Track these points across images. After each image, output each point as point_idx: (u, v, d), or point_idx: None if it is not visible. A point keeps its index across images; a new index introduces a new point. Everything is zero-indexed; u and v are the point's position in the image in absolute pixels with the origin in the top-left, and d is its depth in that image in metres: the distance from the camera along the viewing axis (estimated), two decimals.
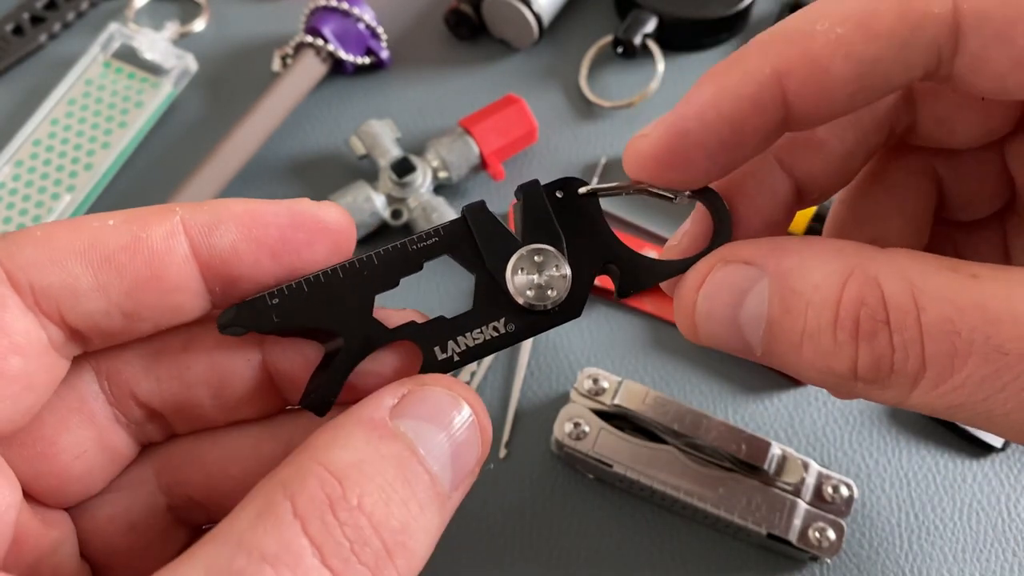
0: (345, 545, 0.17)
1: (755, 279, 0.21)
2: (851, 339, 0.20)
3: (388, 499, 0.18)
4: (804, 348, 0.21)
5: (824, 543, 0.34)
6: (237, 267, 0.21)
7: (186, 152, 0.47)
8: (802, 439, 0.39)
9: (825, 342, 0.20)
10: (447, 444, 0.20)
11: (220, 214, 0.21)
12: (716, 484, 0.35)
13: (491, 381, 0.40)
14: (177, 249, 0.20)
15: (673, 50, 0.50)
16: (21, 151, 0.46)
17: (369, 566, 0.17)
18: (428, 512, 0.19)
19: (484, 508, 0.37)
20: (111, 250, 0.20)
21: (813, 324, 0.21)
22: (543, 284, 0.23)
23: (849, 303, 0.20)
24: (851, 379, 0.20)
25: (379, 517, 0.18)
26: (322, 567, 0.17)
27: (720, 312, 0.22)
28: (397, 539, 0.18)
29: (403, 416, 0.20)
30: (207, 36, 0.51)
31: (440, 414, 0.20)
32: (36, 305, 0.20)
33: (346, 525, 0.17)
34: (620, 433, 0.36)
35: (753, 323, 0.22)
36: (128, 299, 0.20)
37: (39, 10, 0.51)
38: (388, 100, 0.49)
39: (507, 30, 0.49)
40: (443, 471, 0.20)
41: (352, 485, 0.18)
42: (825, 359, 0.21)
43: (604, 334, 0.41)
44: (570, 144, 0.47)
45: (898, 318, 0.20)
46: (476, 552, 0.36)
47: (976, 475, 0.38)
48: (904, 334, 0.19)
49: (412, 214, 0.43)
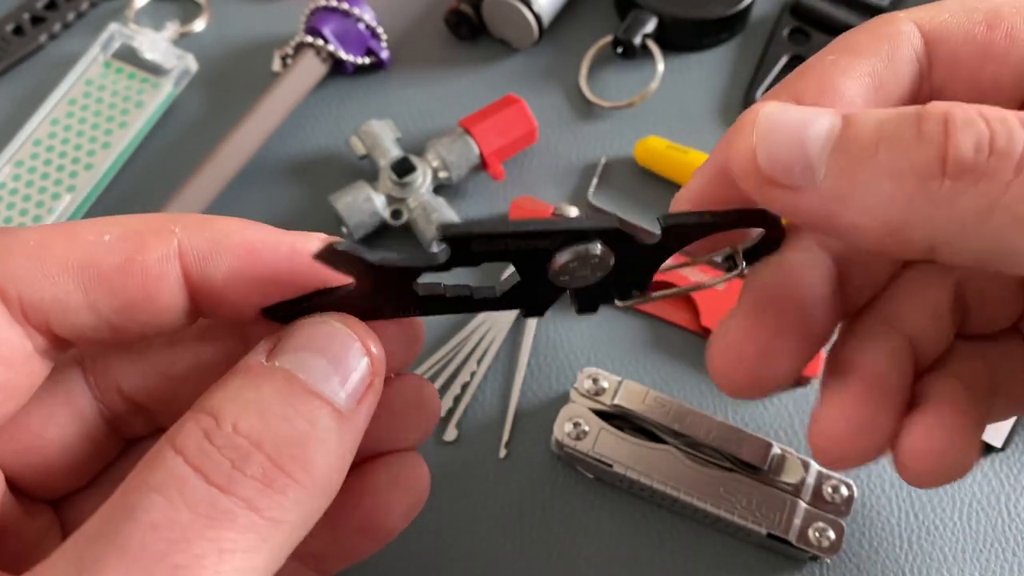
0: (226, 463, 0.18)
1: (822, 113, 0.21)
2: (940, 128, 0.19)
3: (266, 420, 0.19)
4: (881, 152, 0.19)
5: (824, 543, 0.34)
6: (226, 296, 0.21)
7: (186, 152, 0.47)
8: (802, 439, 0.39)
9: (908, 138, 0.19)
10: (327, 363, 0.20)
11: (219, 243, 0.21)
12: (716, 484, 0.35)
13: (491, 381, 0.40)
14: (171, 274, 0.21)
15: (673, 50, 0.50)
16: (21, 151, 0.46)
17: (257, 477, 0.18)
18: (320, 425, 0.19)
19: (484, 508, 0.37)
20: (104, 269, 0.20)
21: (892, 127, 0.19)
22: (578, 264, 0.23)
23: (936, 107, 0.19)
24: (938, 175, 0.19)
25: (258, 436, 0.18)
26: (208, 486, 0.17)
27: (786, 127, 0.20)
28: (285, 451, 0.18)
29: (279, 354, 0.20)
30: (207, 36, 0.51)
31: (313, 340, 0.20)
32: (24, 317, 0.20)
33: (224, 448, 0.18)
34: (620, 433, 0.36)
35: (821, 138, 0.20)
36: (117, 316, 0.20)
37: (39, 10, 0.51)
38: (388, 100, 0.49)
39: (507, 30, 0.49)
40: (332, 388, 0.20)
41: (226, 415, 0.19)
42: (907, 155, 0.19)
43: (604, 334, 0.41)
44: (570, 144, 0.47)
45: (997, 114, 0.19)
46: (476, 552, 0.36)
47: (976, 475, 0.38)
48: (1005, 123, 0.18)
49: (412, 214, 0.43)
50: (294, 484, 0.18)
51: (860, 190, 0.19)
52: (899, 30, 0.23)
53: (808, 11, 0.49)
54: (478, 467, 0.38)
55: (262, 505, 0.18)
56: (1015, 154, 0.18)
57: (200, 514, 0.17)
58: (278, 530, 0.18)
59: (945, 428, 0.23)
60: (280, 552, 0.18)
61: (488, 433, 0.39)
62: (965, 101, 0.21)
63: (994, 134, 0.18)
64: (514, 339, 0.41)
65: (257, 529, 0.18)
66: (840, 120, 0.20)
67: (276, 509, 0.18)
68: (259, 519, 0.18)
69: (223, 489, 0.18)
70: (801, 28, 0.49)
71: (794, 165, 0.20)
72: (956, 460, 0.23)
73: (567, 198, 0.45)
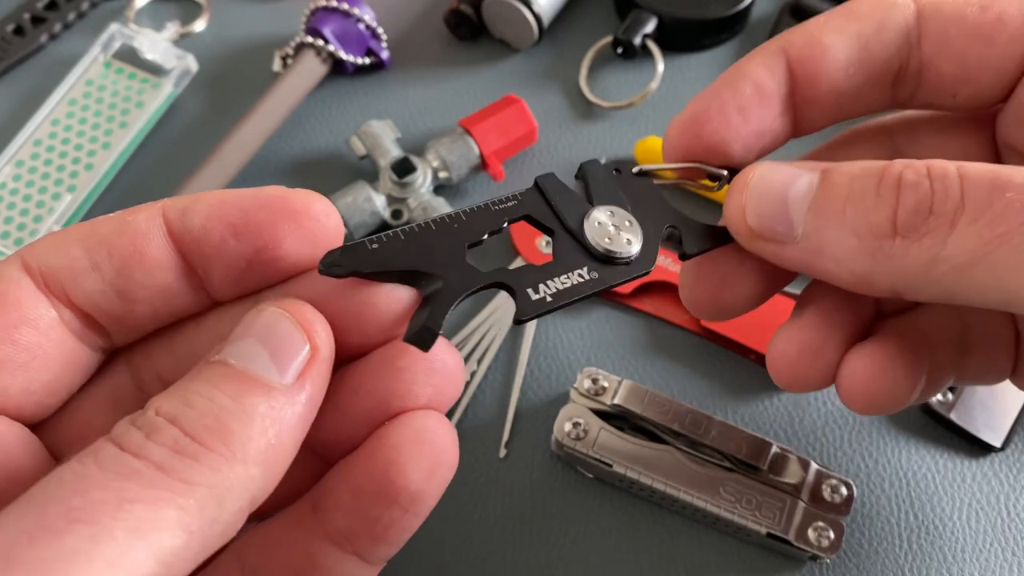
0: (139, 434, 0.19)
1: (803, 173, 0.24)
2: (893, 191, 0.22)
3: (188, 401, 0.19)
4: (846, 212, 0.22)
5: (824, 543, 0.34)
6: (207, 245, 0.23)
7: (186, 152, 0.47)
8: (802, 439, 0.39)
9: (868, 200, 0.22)
10: (258, 345, 0.21)
11: (196, 199, 0.23)
12: (716, 484, 0.35)
13: (491, 381, 0.40)
14: (156, 230, 0.22)
15: (673, 50, 0.50)
16: (22, 151, 0.46)
17: (167, 444, 0.19)
18: (246, 399, 0.20)
19: (484, 508, 0.37)
20: (103, 233, 0.22)
21: (858, 187, 0.22)
22: (618, 237, 0.24)
23: (894, 168, 0.22)
24: (890, 234, 0.22)
25: (175, 414, 0.19)
26: (120, 452, 0.18)
27: (771, 190, 0.24)
28: (199, 423, 0.19)
29: (222, 348, 0.21)
30: (207, 36, 0.51)
31: (245, 327, 0.21)
32: (46, 287, 0.22)
33: (142, 428, 0.19)
34: (620, 433, 0.36)
35: (800, 198, 0.23)
36: (119, 277, 0.22)
37: (40, 10, 0.51)
38: (388, 100, 0.49)
39: (507, 31, 0.50)
40: (261, 366, 0.20)
41: (152, 404, 0.20)
42: (866, 215, 0.22)
43: (604, 334, 0.41)
44: (570, 144, 0.47)
45: (939, 171, 0.21)
46: (476, 551, 0.36)
47: (976, 475, 0.38)
48: (945, 180, 0.21)
49: (412, 214, 0.43)
50: (206, 451, 0.19)
51: (831, 246, 0.23)
52: (895, 2, 0.26)
53: (808, 11, 0.49)
54: (478, 467, 0.38)
55: (171, 467, 0.18)
56: (950, 213, 0.21)
57: (106, 470, 0.18)
58: (192, 491, 0.18)
59: (881, 356, 0.26)
60: (200, 513, 0.19)
61: (488, 433, 0.39)
62: (950, 76, 0.26)
63: (934, 194, 0.21)
64: (514, 339, 0.41)
65: (165, 485, 0.18)
66: (819, 177, 0.23)
67: (186, 472, 0.18)
68: (168, 479, 0.18)
69: (134, 454, 0.18)
70: None
71: (777, 223, 0.24)
72: (888, 388, 0.26)
73: None
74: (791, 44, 0.26)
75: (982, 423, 0.38)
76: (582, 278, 0.24)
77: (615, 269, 0.24)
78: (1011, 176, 0.21)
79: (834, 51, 0.26)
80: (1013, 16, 0.25)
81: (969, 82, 0.26)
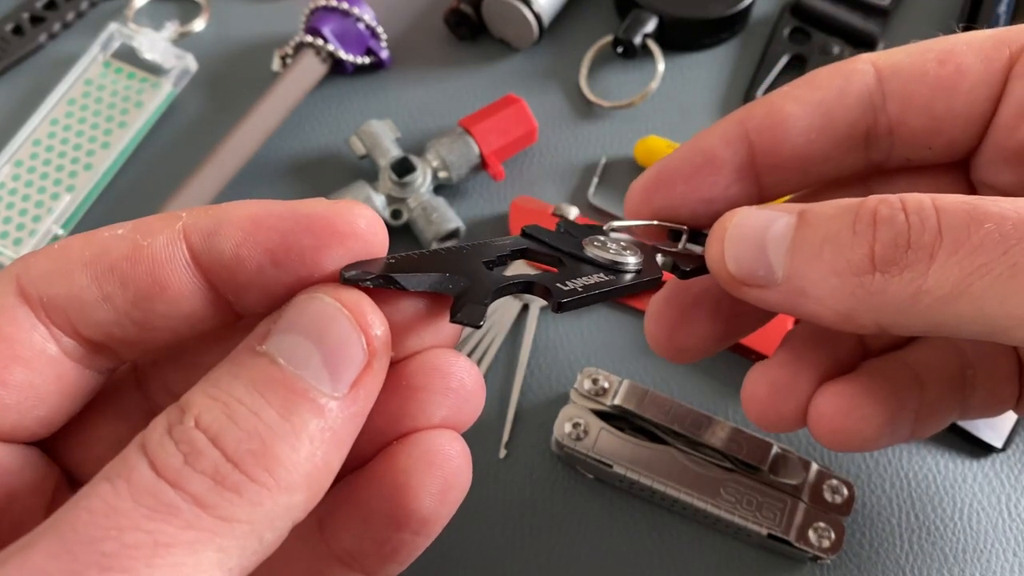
0: (178, 458, 0.17)
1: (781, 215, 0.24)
2: (869, 227, 0.22)
3: (232, 413, 0.18)
4: (824, 252, 0.22)
5: (824, 543, 0.34)
6: (242, 274, 0.20)
7: (186, 152, 0.47)
8: (802, 439, 0.39)
9: (845, 238, 0.22)
10: (310, 345, 0.19)
11: (221, 219, 0.20)
12: (716, 484, 0.35)
13: (491, 381, 0.40)
14: (177, 257, 0.20)
15: (673, 50, 0.50)
16: (21, 151, 0.46)
17: (208, 473, 0.17)
18: (296, 417, 0.18)
19: (484, 508, 0.37)
20: (114, 259, 0.20)
21: (834, 226, 0.22)
22: (620, 253, 0.25)
23: (868, 203, 0.22)
24: (869, 270, 0.21)
25: (217, 431, 0.18)
26: (157, 478, 0.17)
27: (749, 234, 0.24)
28: (244, 447, 0.17)
29: (268, 336, 0.19)
30: (207, 36, 0.51)
31: (299, 318, 0.19)
32: (47, 317, 0.20)
33: (180, 443, 0.17)
34: (620, 433, 0.36)
35: (777, 241, 0.23)
36: (135, 309, 0.20)
37: (39, 10, 0.51)
38: (388, 100, 0.49)
39: (507, 30, 0.49)
40: (313, 373, 0.19)
41: (193, 407, 0.18)
42: (844, 253, 0.22)
43: (604, 334, 0.41)
44: (570, 144, 0.47)
45: (914, 204, 0.21)
46: (476, 552, 0.36)
47: (976, 475, 0.38)
48: (921, 213, 0.21)
49: (412, 214, 0.43)
50: (250, 483, 0.17)
51: (812, 287, 0.23)
52: (855, 68, 0.26)
53: (808, 11, 0.49)
54: (478, 467, 0.38)
55: (211, 502, 0.17)
56: (928, 246, 0.21)
57: (141, 504, 0.16)
58: (232, 529, 0.17)
59: (849, 394, 0.26)
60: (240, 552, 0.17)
61: (488, 433, 0.39)
62: (921, 130, 0.26)
63: (911, 227, 0.21)
64: (514, 339, 0.41)
65: (204, 526, 0.17)
66: (796, 218, 0.23)
67: (227, 508, 0.17)
68: (207, 516, 0.17)
69: (171, 483, 0.17)
70: (801, 28, 0.49)
71: (757, 267, 0.24)
72: (856, 426, 0.26)
73: (567, 198, 0.45)
74: (751, 115, 0.27)
75: (983, 424, 0.38)
76: (601, 279, 0.24)
77: (626, 276, 0.24)
78: (987, 208, 0.20)
79: (793, 119, 0.26)
80: (971, 65, 0.25)
81: (941, 133, 0.26)
